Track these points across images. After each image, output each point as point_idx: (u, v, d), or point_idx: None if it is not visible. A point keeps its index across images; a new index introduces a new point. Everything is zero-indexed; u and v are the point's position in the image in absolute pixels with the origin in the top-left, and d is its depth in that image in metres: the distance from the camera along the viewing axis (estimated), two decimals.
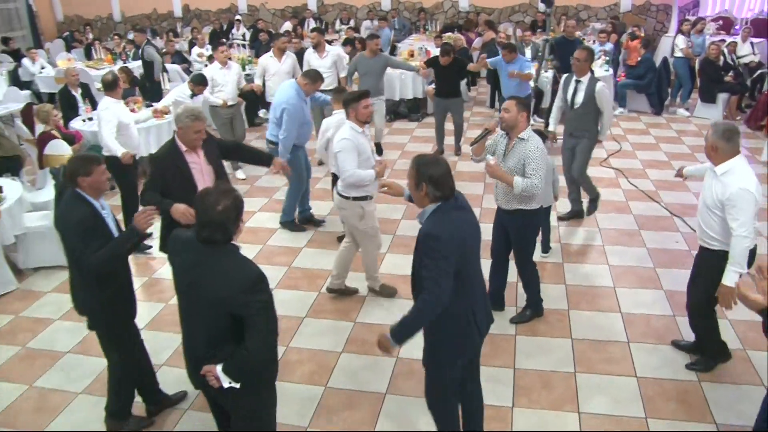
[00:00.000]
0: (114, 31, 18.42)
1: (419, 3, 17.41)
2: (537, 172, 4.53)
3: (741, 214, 3.88)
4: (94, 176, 3.66)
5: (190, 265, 2.95)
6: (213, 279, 2.86)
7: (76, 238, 3.58)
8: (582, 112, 6.47)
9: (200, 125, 4.55)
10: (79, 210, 3.62)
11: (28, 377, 4.71)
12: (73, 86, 9.29)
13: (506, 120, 4.60)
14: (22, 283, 6.07)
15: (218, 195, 2.91)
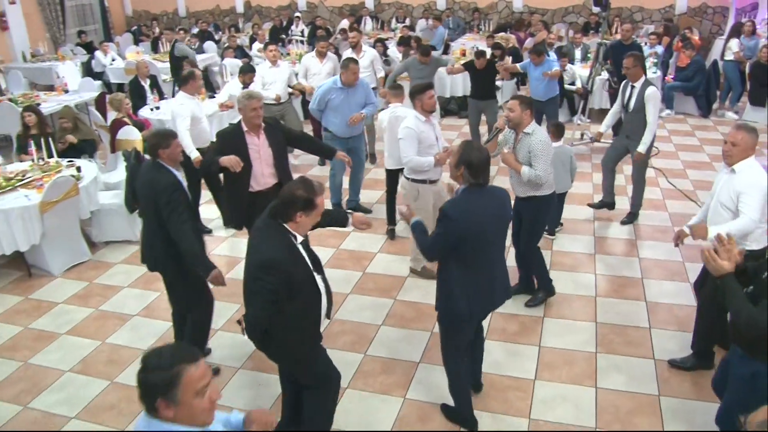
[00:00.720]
0: (179, 25, 19.22)
1: (474, 3, 17.69)
2: (542, 163, 4.98)
3: (753, 201, 4.13)
4: (172, 148, 4.28)
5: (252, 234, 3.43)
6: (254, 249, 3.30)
7: (166, 199, 4.15)
8: (635, 117, 6.65)
9: (256, 103, 5.07)
10: (166, 176, 4.22)
11: (101, 335, 5.29)
12: (143, 77, 9.98)
13: (511, 118, 5.05)
14: (95, 255, 6.70)
15: (301, 183, 3.29)
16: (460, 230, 3.59)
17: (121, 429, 4.24)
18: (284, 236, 3.26)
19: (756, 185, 4.16)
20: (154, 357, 2.13)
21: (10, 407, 4.46)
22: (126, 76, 12.75)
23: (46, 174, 6.53)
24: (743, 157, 4.24)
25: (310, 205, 3.23)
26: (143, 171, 4.44)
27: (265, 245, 3.24)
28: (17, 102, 9.85)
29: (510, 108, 5.06)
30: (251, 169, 5.18)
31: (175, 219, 4.17)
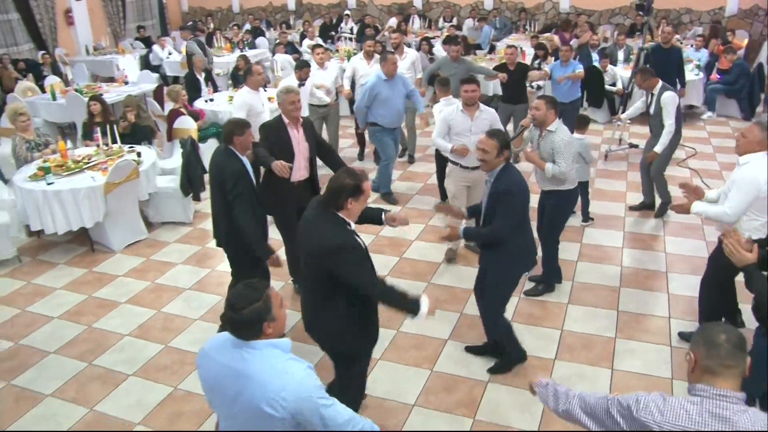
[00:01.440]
0: (233, 21, 19.88)
1: (521, 3, 17.87)
2: (565, 160, 5.28)
3: (736, 196, 4.33)
4: (245, 136, 4.76)
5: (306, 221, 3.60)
6: (313, 234, 3.50)
7: (231, 185, 4.63)
8: (656, 120, 6.95)
9: (293, 97, 5.43)
10: (234, 163, 4.70)
11: (157, 305, 5.79)
12: (198, 71, 10.52)
13: (537, 116, 5.36)
14: (151, 234, 7.23)
15: (347, 172, 3.51)
16: (523, 201, 4.34)
17: (173, 386, 4.70)
18: (341, 223, 3.52)
19: (746, 182, 4.32)
20: (242, 296, 2.48)
21: (78, 363, 4.99)
22: (181, 69, 13.38)
23: (109, 158, 7.07)
24: (749, 150, 4.42)
25: (358, 190, 3.46)
26: (215, 155, 4.91)
27: (328, 233, 3.45)
28: (82, 92, 10.50)
29: (536, 107, 5.38)
30: (293, 160, 5.52)
31: (239, 204, 4.66)
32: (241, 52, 13.61)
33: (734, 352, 2.21)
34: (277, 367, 2.47)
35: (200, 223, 7.40)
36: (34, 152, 7.22)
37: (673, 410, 2.20)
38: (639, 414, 2.24)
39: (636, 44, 13.68)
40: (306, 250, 3.58)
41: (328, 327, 3.71)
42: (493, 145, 4.29)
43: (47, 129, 10.14)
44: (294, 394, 2.43)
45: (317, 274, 3.56)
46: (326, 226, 3.48)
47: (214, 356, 2.59)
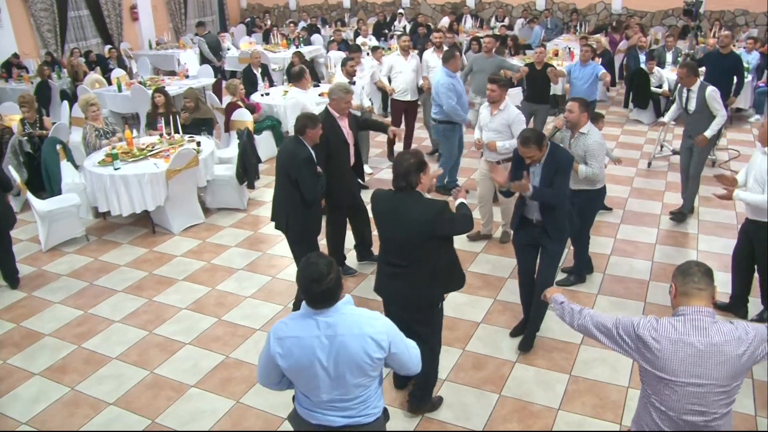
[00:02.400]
0: (289, 18, 20.46)
1: (573, 4, 17.95)
2: (597, 162, 5.51)
3: None
4: (316, 130, 5.24)
5: (390, 209, 3.93)
6: (410, 213, 3.84)
7: (304, 169, 5.15)
8: (697, 117, 7.07)
9: (349, 97, 5.97)
10: (305, 151, 5.19)
11: (211, 282, 6.27)
12: (255, 66, 11.04)
13: (570, 119, 5.57)
14: (208, 219, 7.73)
15: (407, 155, 3.89)
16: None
17: (225, 354, 5.15)
18: (422, 196, 3.96)
19: None
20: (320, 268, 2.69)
21: (140, 332, 5.50)
22: (239, 64, 13.95)
23: (171, 146, 7.59)
24: None
25: (423, 165, 3.88)
26: (286, 143, 5.42)
27: (422, 206, 3.86)
28: (146, 85, 11.12)
29: (569, 109, 5.59)
30: (348, 148, 6.04)
31: (307, 177, 5.18)
32: (297, 49, 14.09)
33: (704, 278, 2.80)
34: (363, 316, 2.79)
35: (254, 209, 7.88)
36: (102, 140, 7.81)
37: (664, 327, 2.76)
38: (639, 331, 2.80)
39: (686, 47, 13.72)
40: (404, 232, 3.89)
41: (435, 292, 4.15)
42: (533, 150, 4.62)
43: (113, 119, 10.80)
44: (386, 330, 2.81)
45: (423, 248, 3.93)
46: (416, 203, 3.88)
47: (300, 334, 2.77)
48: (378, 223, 4.07)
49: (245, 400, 4.66)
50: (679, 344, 2.70)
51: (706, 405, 2.73)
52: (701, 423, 2.76)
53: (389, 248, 4.07)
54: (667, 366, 2.72)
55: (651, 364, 2.77)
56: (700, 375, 2.69)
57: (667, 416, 2.81)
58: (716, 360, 2.68)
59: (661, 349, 2.73)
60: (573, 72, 9.53)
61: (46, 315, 5.81)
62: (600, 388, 4.71)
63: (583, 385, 4.75)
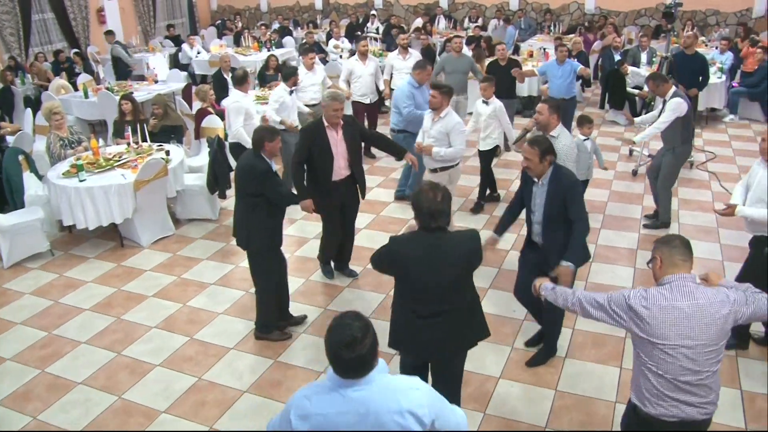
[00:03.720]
0: (261, 20, 20.18)
1: (546, 4, 17.92)
2: (565, 164, 5.17)
3: None
4: (275, 143, 4.98)
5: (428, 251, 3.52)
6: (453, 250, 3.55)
7: (267, 182, 4.92)
8: (670, 127, 6.86)
9: (337, 105, 5.64)
10: (263, 164, 4.94)
11: (183, 298, 6.03)
12: (225, 70, 10.77)
13: (540, 120, 5.40)
14: (178, 230, 7.47)
15: (432, 192, 3.49)
16: None
17: (198, 376, 4.93)
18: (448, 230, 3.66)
19: None
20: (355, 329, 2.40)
21: (108, 353, 5.24)
22: (210, 68, 13.67)
23: (140, 156, 7.33)
24: None
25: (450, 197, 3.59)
26: (243, 158, 5.14)
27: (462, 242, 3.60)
28: (113, 91, 10.81)
29: (539, 111, 5.44)
30: (333, 161, 5.74)
31: (271, 188, 4.95)
32: (269, 52, 13.86)
33: (686, 249, 3.07)
34: (398, 387, 2.45)
35: (226, 219, 7.64)
36: (67, 149, 7.51)
37: (653, 295, 2.99)
38: (630, 302, 3.01)
39: (660, 46, 13.70)
40: (448, 273, 3.55)
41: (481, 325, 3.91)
42: (534, 153, 4.38)
43: (79, 126, 10.49)
44: (429, 401, 2.47)
45: (465, 284, 3.70)
46: (454, 238, 3.61)
47: (324, 411, 2.43)
48: (410, 271, 3.56)
49: (220, 426, 4.44)
50: (668, 310, 2.94)
51: (699, 364, 2.96)
52: (695, 381, 2.98)
53: (424, 297, 3.60)
54: (660, 331, 2.95)
55: (645, 332, 2.99)
56: (691, 336, 2.92)
57: (664, 379, 2.99)
58: (704, 321, 2.92)
59: (652, 316, 2.95)
60: (550, 71, 9.48)
61: (8, 337, 5.53)
62: (587, 404, 4.57)
63: (570, 401, 4.61)
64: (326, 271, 6.33)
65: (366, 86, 9.43)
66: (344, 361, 2.38)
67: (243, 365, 5.05)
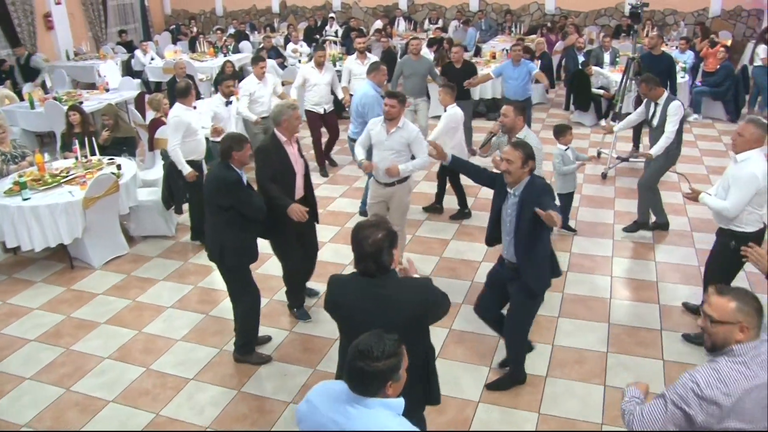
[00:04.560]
0: (216, 25, 19.68)
1: (506, 5, 17.81)
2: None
3: (737, 193, 4.55)
4: (244, 152, 4.68)
5: (367, 298, 3.06)
6: (398, 299, 3.03)
7: (238, 193, 4.64)
8: (660, 132, 6.71)
9: (297, 113, 5.29)
10: (233, 174, 4.64)
11: (138, 324, 5.63)
12: (180, 77, 10.31)
13: (506, 123, 5.21)
14: (133, 249, 7.05)
15: (371, 229, 3.03)
16: None
17: (155, 412, 4.55)
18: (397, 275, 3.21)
19: (745, 180, 4.53)
20: (379, 345, 2.29)
21: (55, 389, 4.81)
22: (164, 75, 13.19)
23: (89, 171, 6.89)
24: (746, 148, 4.61)
25: (394, 237, 3.11)
26: (211, 170, 4.85)
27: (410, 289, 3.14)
28: (62, 100, 10.29)
29: (504, 113, 5.24)
30: (295, 179, 5.29)
31: (242, 200, 4.65)
32: (225, 57, 13.45)
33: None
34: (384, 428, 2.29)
35: (183, 236, 7.25)
36: (10, 165, 7.04)
37: (731, 377, 2.47)
38: (704, 393, 2.46)
39: (622, 46, 13.68)
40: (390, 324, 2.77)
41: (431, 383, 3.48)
42: (518, 156, 4.06)
43: (26, 139, 9.98)
44: None
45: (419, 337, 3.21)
46: (399, 284, 3.14)
47: (319, 406, 2.42)
48: (347, 319, 3.16)
49: None
50: (752, 391, 2.47)
51: None
52: None
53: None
54: (742, 415, 2.47)
55: (719, 420, 2.48)
56: None
57: None
58: None
59: (735, 402, 2.46)
60: (506, 71, 9.26)
61: None
62: (572, 426, 4.33)
63: (554, 424, 4.37)
64: (303, 315, 5.70)
65: (320, 95, 8.95)
66: (352, 369, 2.32)
67: (204, 398, 4.69)
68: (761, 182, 4.54)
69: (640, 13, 8.61)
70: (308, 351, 5.19)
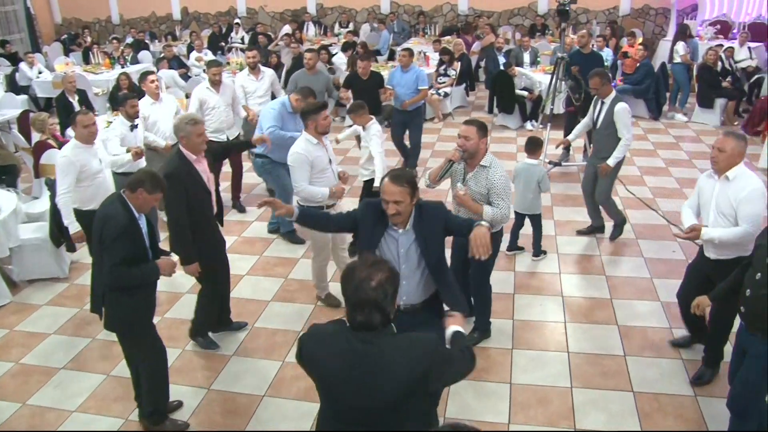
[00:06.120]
0: (112, 34, 18.38)
1: (419, 6, 17.36)
2: (505, 200, 4.42)
3: (753, 210, 4.06)
4: (152, 197, 3.88)
5: (354, 361, 2.46)
6: (392, 360, 2.45)
7: (115, 242, 3.75)
8: (604, 134, 6.37)
9: (201, 128, 4.58)
10: (125, 215, 3.78)
11: (23, 394, 4.66)
12: (70, 92, 9.27)
13: (468, 148, 4.41)
14: (17, 296, 6.02)
15: (370, 269, 2.49)
16: None
17: None
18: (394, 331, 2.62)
19: (756, 195, 4.08)
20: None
21: None
22: (54, 90, 11.97)
23: None
24: (731, 164, 4.16)
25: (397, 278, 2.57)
26: (104, 204, 3.99)
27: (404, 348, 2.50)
28: None
29: (465, 135, 4.41)
30: (210, 199, 4.74)
31: (114, 254, 3.76)
32: (123, 69, 12.36)
33: None
34: None
35: (78, 277, 6.28)
36: None
37: None
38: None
39: (540, 45, 13.45)
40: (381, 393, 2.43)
41: None
42: (405, 192, 3.30)
43: None
44: None
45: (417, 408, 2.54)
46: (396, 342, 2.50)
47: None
48: (325, 382, 2.57)
49: None
50: None
51: None
52: None
53: (351, 424, 2.54)
54: None
55: None
56: None
57: None
58: None
59: None
60: (393, 78, 8.41)
61: None
62: None
63: None
64: (209, 343, 5.11)
65: (220, 120, 7.42)
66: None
67: None
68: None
69: (569, 9, 8.20)
70: (231, 414, 4.41)
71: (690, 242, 6.43)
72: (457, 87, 11.93)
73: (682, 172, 8.67)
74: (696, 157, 9.22)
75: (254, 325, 5.34)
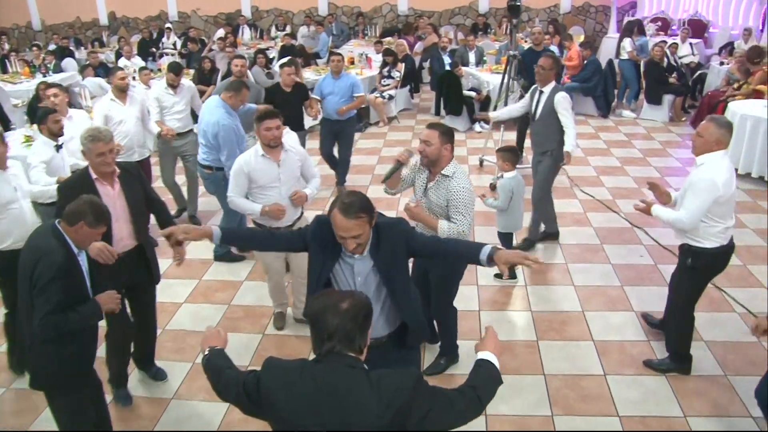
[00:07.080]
0: (33, 41, 17.34)
1: (357, 7, 16.96)
2: (465, 216, 3.91)
3: (692, 200, 3.97)
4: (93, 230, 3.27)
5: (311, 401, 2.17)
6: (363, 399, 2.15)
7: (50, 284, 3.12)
8: (543, 125, 6.03)
9: (102, 146, 3.84)
10: (59, 253, 3.18)
11: None
12: None
13: (428, 154, 3.92)
14: None
15: (340, 295, 2.28)
16: None
17: None
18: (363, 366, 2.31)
19: (702, 185, 3.95)
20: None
21: None
22: None
23: None
24: (705, 150, 4.04)
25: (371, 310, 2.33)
26: (34, 234, 3.37)
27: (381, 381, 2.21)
28: None
29: (426, 140, 3.91)
30: (111, 226, 3.80)
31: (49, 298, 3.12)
32: (44, 77, 11.50)
33: None
34: None
35: None
36: None
37: None
38: None
39: (484, 44, 13.19)
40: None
41: None
42: (363, 223, 2.81)
43: None
44: None
45: None
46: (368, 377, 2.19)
47: None
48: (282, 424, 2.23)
49: None
50: None
51: None
52: None
53: None
54: None
55: None
56: None
57: None
58: None
59: None
60: (324, 87, 7.70)
61: None
62: None
63: None
64: (121, 397, 4.34)
65: (129, 136, 6.40)
66: None
67: None
68: (721, 190, 3.91)
69: (519, 5, 7.85)
70: None
71: (656, 245, 6.25)
72: (401, 89, 11.53)
73: (638, 170, 8.44)
74: (650, 155, 9.03)
75: (195, 362, 4.75)
